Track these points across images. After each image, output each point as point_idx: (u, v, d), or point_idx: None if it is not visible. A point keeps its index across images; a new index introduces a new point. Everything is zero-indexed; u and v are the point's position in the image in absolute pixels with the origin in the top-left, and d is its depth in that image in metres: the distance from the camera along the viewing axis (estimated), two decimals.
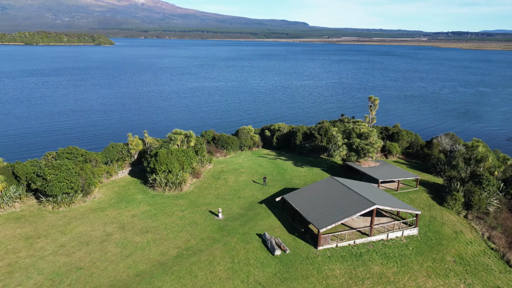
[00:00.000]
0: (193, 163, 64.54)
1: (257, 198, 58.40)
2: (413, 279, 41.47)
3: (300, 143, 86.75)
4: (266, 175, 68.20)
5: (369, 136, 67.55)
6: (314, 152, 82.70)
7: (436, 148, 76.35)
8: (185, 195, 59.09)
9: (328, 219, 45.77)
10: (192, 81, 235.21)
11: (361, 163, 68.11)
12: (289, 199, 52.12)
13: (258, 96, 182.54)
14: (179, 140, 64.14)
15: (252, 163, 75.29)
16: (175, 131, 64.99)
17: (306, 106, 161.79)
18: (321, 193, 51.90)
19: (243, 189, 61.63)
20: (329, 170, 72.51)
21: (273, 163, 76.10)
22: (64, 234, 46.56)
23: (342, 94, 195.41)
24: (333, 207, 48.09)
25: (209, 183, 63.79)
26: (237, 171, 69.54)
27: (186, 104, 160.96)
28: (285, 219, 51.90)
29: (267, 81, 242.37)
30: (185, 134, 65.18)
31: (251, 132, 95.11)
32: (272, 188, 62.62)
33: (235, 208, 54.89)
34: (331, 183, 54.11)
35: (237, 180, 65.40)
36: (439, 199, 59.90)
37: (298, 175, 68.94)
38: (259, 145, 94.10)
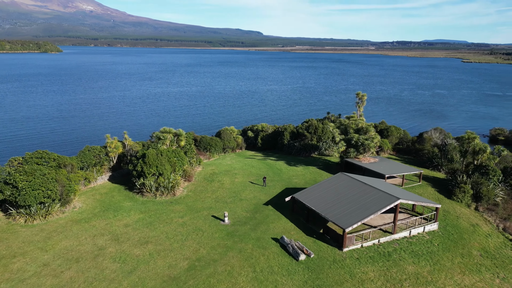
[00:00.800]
0: (185, 165, 58.20)
1: (260, 200, 53.23)
2: (449, 277, 38.28)
3: (288, 142, 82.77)
4: (260, 175, 63.24)
5: (368, 130, 64.91)
6: (304, 151, 78.97)
7: (428, 142, 75.52)
8: (180, 200, 52.61)
9: (352, 218, 41.67)
10: (155, 86, 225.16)
11: (360, 159, 65.20)
12: (301, 198, 47.56)
13: (227, 100, 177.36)
14: (169, 139, 57.60)
15: (242, 165, 69.99)
16: (164, 130, 58.35)
17: (277, 108, 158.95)
18: (336, 190, 47.82)
19: (243, 191, 56.20)
20: (326, 168, 68.96)
21: (265, 164, 71.29)
22: (46, 251, 38.63)
23: (310, 97, 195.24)
24: (353, 205, 44.11)
25: (203, 186, 57.65)
26: (230, 173, 63.93)
27: (152, 108, 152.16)
28: (298, 221, 47.18)
29: (233, 86, 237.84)
30: (174, 132, 58.70)
31: (234, 133, 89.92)
32: (273, 188, 57.75)
33: (240, 212, 49.35)
34: (344, 179, 50.27)
35: (233, 182, 59.83)
36: (446, 192, 58.07)
37: (296, 175, 64.65)
38: (242, 146, 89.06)
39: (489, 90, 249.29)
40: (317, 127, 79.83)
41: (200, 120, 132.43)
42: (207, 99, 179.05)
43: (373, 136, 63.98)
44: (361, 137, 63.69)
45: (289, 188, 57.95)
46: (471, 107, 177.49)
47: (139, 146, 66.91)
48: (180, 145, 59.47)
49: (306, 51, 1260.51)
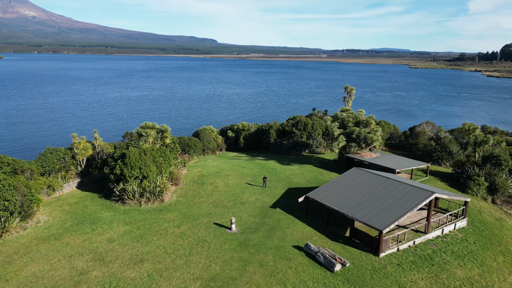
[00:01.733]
0: (171, 166, 49.64)
1: (265, 202, 45.98)
2: (502, 279, 33.34)
3: (275, 141, 76.20)
4: (254, 176, 56.03)
5: (369, 123, 59.99)
6: (294, 149, 72.77)
7: (422, 136, 72.27)
8: (171, 207, 44.04)
9: (386, 217, 35.66)
10: (112, 91, 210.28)
11: (361, 154, 60.02)
12: (318, 198, 40.98)
13: (193, 103, 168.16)
14: (152, 136, 48.77)
15: (231, 165, 62.33)
16: (146, 125, 49.40)
17: (248, 110, 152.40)
18: (357, 187, 41.74)
19: (242, 194, 48.62)
20: (323, 166, 63.04)
21: (255, 164, 64.12)
22: (6, 281, 28.84)
23: (278, 99, 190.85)
24: (383, 202, 38.19)
25: (195, 190, 49.34)
26: (221, 174, 56.02)
27: (112, 112, 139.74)
28: (315, 224, 40.47)
29: (196, 89, 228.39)
30: (158, 128, 49.98)
31: (214, 133, 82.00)
32: (274, 189, 50.72)
33: (246, 217, 41.77)
34: (362, 174, 44.39)
35: (228, 184, 52.04)
36: (458, 186, 54.12)
37: (293, 174, 58.08)
38: (222, 148, 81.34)
39: (444, 91, 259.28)
40: (306, 124, 74.02)
41: (168, 123, 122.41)
42: (172, 102, 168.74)
43: (375, 128, 59.10)
44: (363, 130, 58.54)
45: (292, 188, 51.23)
46: (433, 107, 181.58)
47: (111, 147, 57.23)
48: (165, 142, 50.82)
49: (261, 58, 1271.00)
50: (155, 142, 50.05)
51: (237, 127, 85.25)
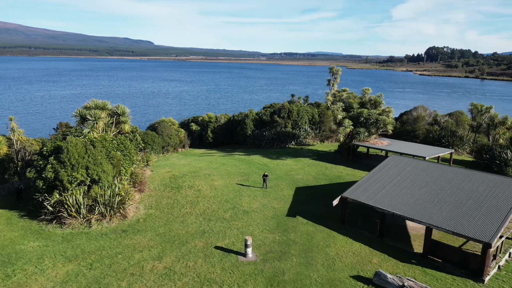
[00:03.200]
0: (134, 164, 34.01)
1: (276, 209, 32.30)
2: None
3: (253, 132, 62.71)
4: (245, 174, 42.16)
5: (379, 102, 48.93)
6: (278, 141, 59.85)
7: (422, 122, 63.11)
8: (141, 225, 28.63)
9: (483, 223, 23.92)
10: (39, 89, 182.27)
11: (370, 142, 48.76)
12: (363, 198, 28.30)
13: (137, 100, 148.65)
14: (103, 121, 32.71)
15: (207, 163, 47.73)
16: (94, 103, 33.13)
17: (202, 107, 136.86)
18: (411, 181, 29.71)
19: (239, 198, 34.43)
20: (322, 158, 50.75)
21: (238, 160, 50.13)
22: None
23: (231, 96, 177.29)
24: (461, 200, 26.50)
25: (170, 197, 34.15)
26: (199, 174, 41.21)
27: (41, 111, 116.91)
28: (362, 236, 27.70)
29: (138, 87, 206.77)
30: (111, 110, 34.03)
31: (175, 125, 66.52)
32: (279, 190, 37.22)
33: (259, 233, 27.77)
34: (409, 163, 32.55)
35: (214, 186, 37.48)
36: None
37: (292, 170, 45.04)
38: (185, 144, 66.25)
39: (389, 87, 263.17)
40: (291, 111, 61.48)
41: None
42: (112, 100, 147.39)
43: (387, 109, 48.14)
44: (373, 112, 47.24)
45: (301, 188, 38.15)
46: (390, 100, 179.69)
47: (37, 143, 40.02)
48: (124, 130, 34.93)
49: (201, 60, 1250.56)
50: (106, 130, 34.04)
51: (202, 119, 70.46)
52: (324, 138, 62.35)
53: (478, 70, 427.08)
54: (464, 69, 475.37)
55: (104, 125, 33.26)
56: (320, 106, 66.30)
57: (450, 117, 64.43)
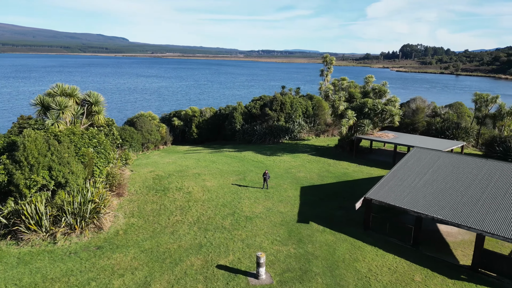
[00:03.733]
0: (110, 163, 28.12)
1: (284, 214, 27.17)
2: None
3: (242, 127, 57.38)
4: (240, 173, 36.89)
5: (384, 91, 44.58)
6: (270, 136, 54.78)
7: (422, 113, 59.36)
8: (120, 239, 22.89)
9: None
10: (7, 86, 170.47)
11: (374, 135, 44.39)
12: (391, 200, 23.55)
13: (113, 96, 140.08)
14: (71, 110, 26.66)
15: (195, 161, 42.17)
16: (59, 88, 26.95)
17: (182, 102, 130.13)
18: (445, 177, 25.17)
19: (238, 202, 29.11)
20: (322, 153, 46.01)
21: (229, 157, 44.76)
22: None
23: (211, 91, 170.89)
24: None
25: (156, 202, 28.46)
26: (187, 174, 35.62)
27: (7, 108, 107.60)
28: (393, 245, 22.96)
29: (114, 83, 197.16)
30: (82, 98, 27.91)
31: (155, 120, 60.40)
32: (283, 190, 32.13)
33: (269, 245, 22.56)
34: (437, 156, 28.05)
35: (207, 187, 32.01)
36: None
37: (292, 167, 40.06)
38: (167, 140, 60.31)
39: None
40: (283, 103, 56.47)
41: None
42: None
43: (393, 99, 43.80)
44: (379, 102, 42.80)
45: (307, 188, 33.22)
46: None
47: None
48: (98, 122, 28.91)
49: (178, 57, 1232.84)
50: (76, 122, 28.00)
51: (185, 113, 64.46)
52: (320, 132, 57.72)
53: (452, 67, 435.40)
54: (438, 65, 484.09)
55: (73, 116, 27.21)
56: (313, 99, 61.61)
57: (450, 109, 61.02)
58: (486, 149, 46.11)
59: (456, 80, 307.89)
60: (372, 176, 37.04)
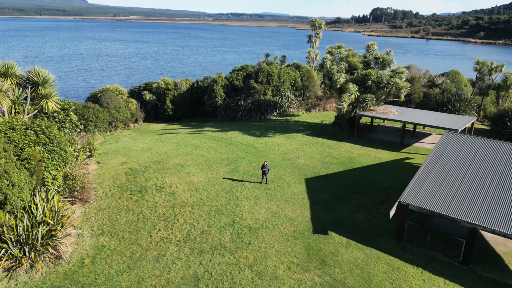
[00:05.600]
0: (68, 162, 21.57)
1: (294, 220, 21.93)
2: None
3: (224, 102, 51.01)
4: (230, 161, 31.23)
5: (389, 62, 39.24)
6: (257, 112, 48.87)
7: (418, 83, 54.78)
8: (86, 275, 16.96)
9: None
10: None
11: (376, 111, 39.45)
12: (441, 207, 18.72)
13: (73, 64, 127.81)
14: (10, 95, 19.58)
15: (174, 146, 35.89)
16: None
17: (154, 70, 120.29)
18: (499, 173, 20.53)
19: (234, 205, 23.53)
20: (319, 133, 40.75)
21: (214, 140, 38.73)
22: None
23: (183, 58, 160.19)
24: None
25: (132, 209, 22.43)
26: (168, 166, 29.50)
27: None
28: (438, 263, 18.40)
29: (74, 48, 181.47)
30: (22, 76, 20.77)
31: (124, 95, 52.89)
32: (286, 185, 26.76)
33: (287, 274, 17.37)
34: (481, 145, 23.31)
35: (193, 185, 26.16)
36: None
37: (289, 151, 34.68)
38: (138, 118, 53.29)
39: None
40: (270, 74, 50.22)
41: None
42: (43, 64, 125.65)
43: (400, 70, 38.58)
44: (384, 74, 37.49)
45: (312, 179, 28.08)
46: None
47: None
48: (47, 108, 21.89)
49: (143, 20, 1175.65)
50: (18, 109, 20.96)
51: (157, 85, 56.94)
52: (310, 106, 52.24)
53: (423, 31, 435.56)
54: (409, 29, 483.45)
55: (12, 102, 20.20)
56: (301, 68, 55.61)
57: (446, 78, 56.80)
58: (494, 124, 42.31)
59: (427, 44, 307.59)
60: (382, 161, 32.32)
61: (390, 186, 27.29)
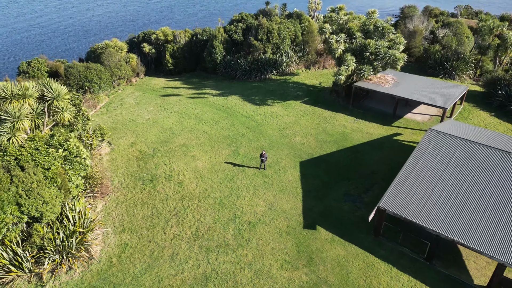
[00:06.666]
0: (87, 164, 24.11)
1: (288, 214, 25.22)
2: None
3: (224, 58, 51.42)
4: (228, 140, 33.77)
5: (387, 29, 39.23)
6: (257, 71, 49.64)
7: (419, 37, 54.24)
8: (115, 274, 20.70)
9: None
10: None
11: (372, 80, 40.59)
12: (412, 213, 21.78)
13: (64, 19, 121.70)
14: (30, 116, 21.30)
15: (177, 118, 37.99)
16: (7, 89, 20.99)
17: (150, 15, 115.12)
18: (470, 179, 23.18)
19: (236, 197, 26.66)
20: (316, 101, 42.33)
21: (215, 108, 40.56)
22: None
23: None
24: None
25: (146, 203, 25.61)
26: (173, 147, 32.11)
27: None
28: (407, 259, 22.05)
29: None
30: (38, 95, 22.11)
31: (124, 50, 53.11)
32: (282, 171, 29.62)
33: (280, 273, 21.09)
34: (458, 146, 25.57)
35: (198, 172, 29.05)
36: (505, 116, 39.24)
37: (287, 126, 36.82)
38: (139, 72, 54.12)
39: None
40: (270, 31, 49.79)
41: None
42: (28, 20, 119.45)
43: (398, 39, 38.75)
44: (381, 45, 37.84)
45: (306, 163, 30.83)
46: None
47: None
48: (64, 119, 23.72)
49: None
50: (37, 122, 22.86)
51: (155, 36, 56.55)
52: (310, 64, 52.57)
53: None
54: None
55: (32, 119, 22.14)
56: (302, 19, 54.60)
57: (449, 29, 55.93)
58: (487, 88, 43.57)
59: None
60: (373, 138, 34.71)
61: (377, 169, 30.13)
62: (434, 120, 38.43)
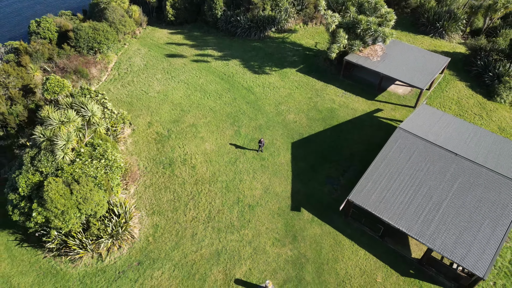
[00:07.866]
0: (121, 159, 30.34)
1: (279, 197, 32.35)
2: None
3: (224, 13, 53.16)
4: (230, 118, 39.26)
5: (379, 5, 41.35)
6: (256, 29, 51.94)
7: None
8: (152, 250, 28.65)
9: (482, 254, 26.38)
10: None
11: (364, 53, 43.98)
12: (369, 206, 28.84)
13: None
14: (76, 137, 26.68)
15: (184, 90, 42.67)
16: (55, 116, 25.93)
17: None
18: (421, 177, 29.71)
19: (238, 182, 33.46)
20: (309, 66, 46.23)
21: (218, 77, 44.77)
22: None
23: None
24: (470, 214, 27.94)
25: (168, 188, 32.50)
26: (185, 128, 37.80)
27: None
28: (366, 237, 29.86)
29: None
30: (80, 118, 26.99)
31: (125, 3, 54.50)
32: (276, 154, 35.87)
33: (272, 249, 29.03)
34: (417, 147, 31.45)
35: (207, 155, 35.34)
36: (479, 87, 43.81)
37: (282, 101, 41.71)
38: (142, 22, 56.26)
39: None
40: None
41: None
42: None
43: (389, 16, 41.16)
44: (372, 21, 40.48)
45: (297, 144, 36.87)
46: None
47: None
48: (101, 134, 29.05)
49: None
50: (81, 138, 28.25)
51: None
52: (308, 19, 54.21)
53: None
54: None
55: (78, 136, 27.59)
56: None
57: None
58: (471, 52, 47.04)
59: None
60: (356, 115, 39.99)
61: (355, 150, 36.30)
62: (414, 93, 43.14)
